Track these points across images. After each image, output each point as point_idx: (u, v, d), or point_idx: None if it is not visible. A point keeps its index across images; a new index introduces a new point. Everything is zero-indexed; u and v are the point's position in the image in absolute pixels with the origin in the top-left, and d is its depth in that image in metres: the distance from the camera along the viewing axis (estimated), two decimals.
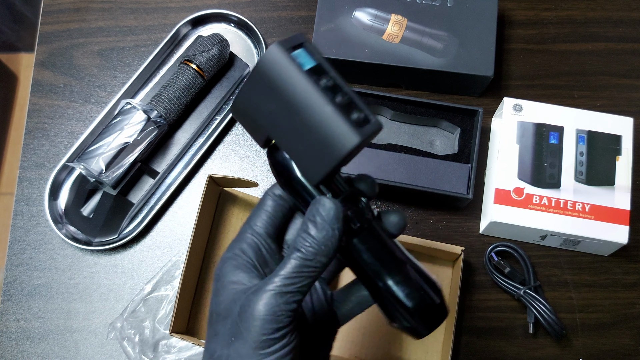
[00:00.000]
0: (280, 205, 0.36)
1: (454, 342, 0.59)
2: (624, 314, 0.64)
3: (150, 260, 0.67)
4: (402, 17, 0.68)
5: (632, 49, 0.73)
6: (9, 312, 0.65)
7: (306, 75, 0.30)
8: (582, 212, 0.61)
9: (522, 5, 0.75)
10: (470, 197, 0.62)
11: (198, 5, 0.76)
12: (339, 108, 0.30)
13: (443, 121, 0.67)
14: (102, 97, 0.72)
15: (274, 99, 0.31)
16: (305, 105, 0.30)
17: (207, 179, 0.60)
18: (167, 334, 0.62)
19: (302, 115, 0.30)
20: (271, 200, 0.36)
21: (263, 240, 0.36)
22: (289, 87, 0.30)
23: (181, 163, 0.69)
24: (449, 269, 0.65)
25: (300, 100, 0.30)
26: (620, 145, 0.63)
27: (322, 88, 0.30)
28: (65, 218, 0.67)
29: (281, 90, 0.30)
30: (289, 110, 0.31)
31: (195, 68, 0.67)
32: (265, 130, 0.33)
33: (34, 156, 0.70)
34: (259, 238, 0.35)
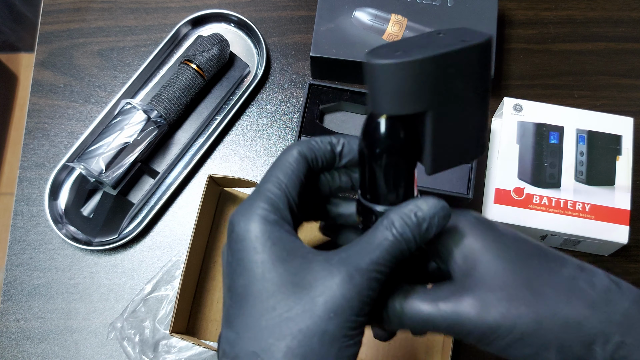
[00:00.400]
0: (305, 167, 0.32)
1: (454, 342, 0.59)
2: None
3: (151, 260, 0.67)
4: (402, 17, 0.68)
5: (633, 49, 0.73)
6: (9, 312, 0.65)
7: None
8: (582, 212, 0.61)
9: (522, 5, 0.75)
10: (470, 197, 0.62)
11: (198, 5, 0.76)
12: None
13: None
14: (102, 97, 0.72)
15: (459, 81, 0.28)
16: (477, 102, 0.29)
17: (207, 179, 0.60)
18: (167, 334, 0.62)
19: (468, 110, 0.29)
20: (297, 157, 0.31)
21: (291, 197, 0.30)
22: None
23: (181, 163, 0.69)
24: None
25: (472, 96, 0.29)
26: (620, 145, 0.63)
27: None
28: (65, 218, 0.67)
29: (471, 79, 0.28)
30: (461, 99, 0.28)
31: (195, 68, 0.67)
32: (426, 102, 0.28)
33: (34, 156, 0.70)
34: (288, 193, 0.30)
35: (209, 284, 0.64)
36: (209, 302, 0.64)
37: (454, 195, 0.62)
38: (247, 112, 0.72)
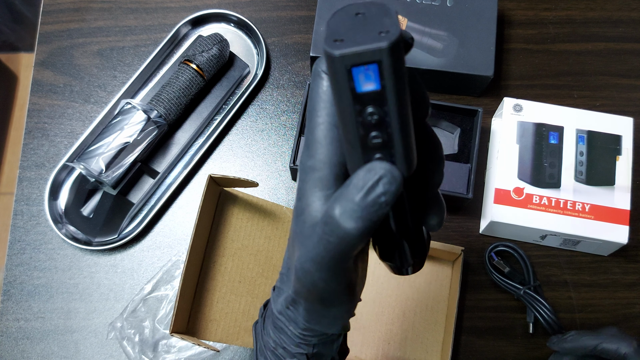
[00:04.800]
0: None
1: (454, 342, 0.59)
2: (624, 314, 0.64)
3: (150, 260, 0.67)
4: (402, 17, 0.68)
5: (632, 49, 0.73)
6: (9, 312, 0.65)
7: (351, 99, 0.27)
8: (582, 212, 0.61)
9: (522, 5, 0.75)
10: (470, 197, 0.62)
11: (198, 5, 0.76)
12: (362, 145, 0.27)
13: (443, 121, 0.67)
14: (102, 97, 0.72)
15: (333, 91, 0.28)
16: (342, 123, 0.28)
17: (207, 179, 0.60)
18: (167, 333, 0.62)
19: (341, 124, 0.28)
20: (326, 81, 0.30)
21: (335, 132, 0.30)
22: (337, 98, 0.27)
23: (181, 163, 0.69)
24: (449, 269, 0.65)
25: (339, 112, 0.28)
26: (620, 145, 0.63)
27: (361, 121, 0.27)
28: (65, 218, 0.67)
29: (333, 89, 0.27)
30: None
31: (195, 68, 0.67)
32: None
33: (34, 156, 0.70)
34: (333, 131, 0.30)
35: (209, 284, 0.64)
36: (209, 302, 0.64)
37: (454, 195, 0.62)
38: (247, 112, 0.72)
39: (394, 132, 0.27)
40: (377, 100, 0.27)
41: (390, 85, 0.26)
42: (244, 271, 0.63)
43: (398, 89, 0.26)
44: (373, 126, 0.27)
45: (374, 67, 0.26)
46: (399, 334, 0.63)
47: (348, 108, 0.27)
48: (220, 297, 0.64)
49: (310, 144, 0.30)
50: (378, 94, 0.26)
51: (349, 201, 0.26)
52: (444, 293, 0.64)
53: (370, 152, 0.28)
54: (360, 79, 0.26)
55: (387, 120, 0.27)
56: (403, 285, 0.64)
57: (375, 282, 0.65)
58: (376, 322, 0.63)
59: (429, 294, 0.64)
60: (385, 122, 0.27)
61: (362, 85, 0.26)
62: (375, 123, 0.27)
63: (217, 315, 0.63)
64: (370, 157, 0.28)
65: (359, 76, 0.26)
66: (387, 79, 0.26)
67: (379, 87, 0.26)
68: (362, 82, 0.26)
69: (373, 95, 0.26)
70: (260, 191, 0.68)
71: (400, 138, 0.27)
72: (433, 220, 0.33)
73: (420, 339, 0.63)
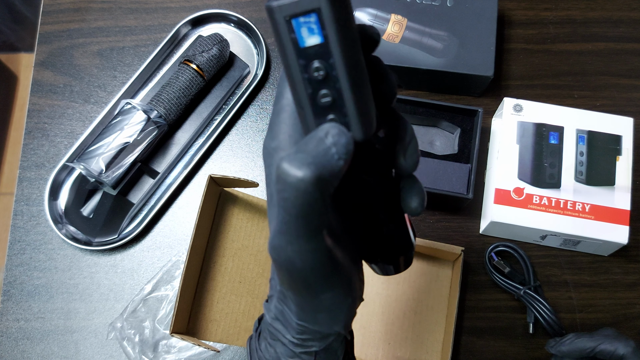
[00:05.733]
0: None
1: (454, 342, 0.59)
2: (624, 314, 0.64)
3: (150, 260, 0.67)
4: (402, 17, 0.68)
5: (632, 49, 0.73)
6: (9, 312, 0.65)
7: (295, 54, 0.25)
8: (582, 212, 0.61)
9: (522, 5, 0.75)
10: (470, 197, 0.62)
11: (198, 5, 0.76)
12: (313, 106, 0.26)
13: (443, 121, 0.67)
14: (102, 97, 0.72)
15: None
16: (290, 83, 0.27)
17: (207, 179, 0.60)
18: (167, 334, 0.62)
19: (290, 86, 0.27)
20: None
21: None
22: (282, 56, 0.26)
23: (181, 163, 0.69)
24: (449, 269, 0.65)
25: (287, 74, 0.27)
26: (620, 145, 0.63)
27: (308, 77, 0.26)
28: (65, 218, 0.67)
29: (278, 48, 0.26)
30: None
31: (195, 68, 0.67)
32: None
33: (34, 156, 0.70)
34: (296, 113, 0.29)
35: (209, 284, 0.64)
36: (209, 302, 0.64)
37: (454, 195, 0.62)
38: (247, 112, 0.72)
39: (343, 88, 0.26)
40: (322, 53, 0.25)
41: (333, 35, 0.25)
42: (244, 271, 0.63)
43: (343, 39, 0.25)
44: (320, 82, 0.26)
45: (314, 17, 0.25)
46: (399, 334, 0.63)
47: (293, 64, 0.26)
48: (221, 298, 0.64)
49: (273, 126, 0.29)
50: (322, 46, 0.25)
51: (298, 152, 0.25)
52: (444, 293, 0.64)
53: (321, 113, 0.27)
54: (302, 32, 0.25)
55: (334, 74, 0.26)
56: (403, 285, 0.64)
57: (376, 282, 0.65)
58: (376, 322, 0.63)
59: (429, 294, 0.64)
60: (333, 77, 0.26)
61: (305, 39, 0.25)
62: (322, 79, 0.26)
63: (217, 315, 0.63)
64: (322, 119, 0.27)
65: (301, 29, 0.25)
66: (329, 29, 0.25)
67: (322, 39, 0.25)
68: (305, 35, 0.25)
69: (317, 49, 0.25)
70: (261, 191, 0.68)
71: (351, 95, 0.26)
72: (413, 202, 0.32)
73: (421, 339, 0.62)
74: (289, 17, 0.25)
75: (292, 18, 0.25)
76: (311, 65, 0.25)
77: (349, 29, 0.25)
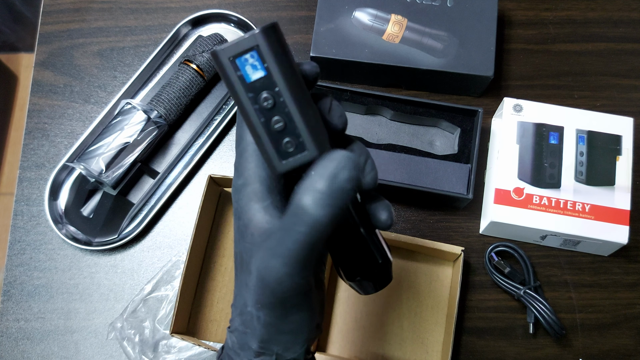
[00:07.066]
0: None
1: (454, 342, 0.59)
2: (624, 314, 0.64)
3: (151, 261, 0.67)
4: (402, 17, 0.68)
5: (632, 49, 0.73)
6: (9, 312, 0.65)
7: (244, 90, 0.28)
8: (582, 212, 0.61)
9: (522, 5, 0.75)
10: (470, 197, 0.62)
11: (198, 5, 0.76)
12: (268, 133, 0.29)
13: (443, 121, 0.67)
14: (102, 97, 0.72)
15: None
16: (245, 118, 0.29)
17: (207, 179, 0.60)
18: (167, 334, 0.62)
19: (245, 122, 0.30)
20: None
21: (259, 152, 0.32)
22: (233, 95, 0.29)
23: (181, 163, 0.69)
24: (449, 269, 0.65)
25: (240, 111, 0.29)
26: (620, 145, 0.63)
27: (259, 108, 0.29)
28: (65, 218, 0.67)
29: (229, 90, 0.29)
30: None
31: (195, 68, 0.67)
32: None
33: (34, 156, 0.70)
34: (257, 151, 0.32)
35: (209, 284, 0.64)
36: (209, 302, 0.64)
37: (454, 196, 0.62)
38: None
39: (291, 112, 0.29)
40: (267, 84, 0.28)
41: (274, 67, 0.28)
42: None
43: (283, 69, 0.28)
44: (270, 110, 0.29)
45: (255, 54, 0.28)
46: (399, 334, 0.63)
47: (243, 98, 0.29)
48: (221, 298, 0.64)
49: (238, 166, 0.32)
50: (266, 78, 0.28)
51: (316, 190, 0.26)
52: (444, 293, 0.64)
53: (276, 137, 0.29)
54: (247, 71, 0.28)
55: (282, 100, 0.28)
56: (403, 286, 0.64)
57: None
58: (376, 322, 0.63)
59: (429, 294, 0.64)
60: (280, 104, 0.29)
61: (249, 74, 0.28)
62: (271, 107, 0.29)
63: (217, 315, 0.63)
64: (278, 144, 0.29)
65: (246, 68, 0.28)
66: (270, 62, 0.28)
67: (264, 72, 0.28)
68: (249, 71, 0.28)
69: (262, 81, 0.28)
70: None
71: (300, 116, 0.29)
72: (382, 215, 0.34)
73: (421, 339, 0.63)
74: (232, 57, 0.28)
75: (235, 58, 0.28)
76: (260, 97, 0.28)
77: (287, 59, 0.29)
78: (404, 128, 0.68)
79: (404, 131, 0.68)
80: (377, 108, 0.67)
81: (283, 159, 0.29)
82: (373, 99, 0.66)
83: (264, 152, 0.30)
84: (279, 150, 0.29)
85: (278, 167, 0.29)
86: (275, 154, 0.29)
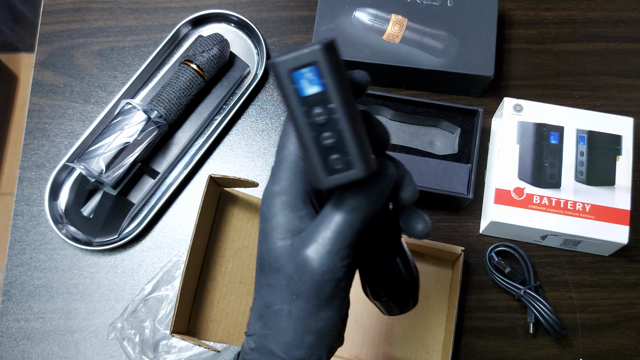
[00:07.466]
0: None
1: (454, 342, 0.59)
2: (625, 314, 0.64)
3: (151, 261, 0.67)
4: (402, 17, 0.68)
5: (633, 49, 0.73)
6: (9, 312, 0.65)
7: (298, 103, 0.29)
8: (583, 212, 0.61)
9: (522, 5, 0.75)
10: (471, 197, 0.62)
11: (198, 5, 0.76)
12: (317, 148, 0.29)
13: (443, 121, 0.67)
14: (102, 97, 0.72)
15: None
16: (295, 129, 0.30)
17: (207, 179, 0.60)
18: (167, 334, 0.62)
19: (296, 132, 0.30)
20: None
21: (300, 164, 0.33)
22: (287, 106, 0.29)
23: (181, 163, 0.69)
24: (449, 269, 0.65)
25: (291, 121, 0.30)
26: (620, 145, 0.63)
27: (310, 122, 0.29)
28: (66, 218, 0.67)
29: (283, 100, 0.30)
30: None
31: (195, 68, 0.67)
32: None
33: (34, 156, 0.70)
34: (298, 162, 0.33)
35: (210, 284, 0.64)
36: (210, 303, 0.64)
37: (454, 195, 0.62)
38: (247, 112, 0.72)
39: (343, 130, 0.29)
40: (322, 100, 0.28)
41: (330, 84, 0.28)
42: (244, 272, 0.63)
43: (340, 86, 0.28)
44: (322, 126, 0.29)
45: (313, 69, 0.28)
46: (399, 334, 0.63)
47: (296, 111, 0.29)
48: (221, 298, 0.64)
49: (276, 173, 0.33)
50: (321, 94, 0.28)
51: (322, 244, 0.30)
52: (444, 293, 0.64)
53: (325, 154, 0.29)
54: (303, 84, 0.28)
55: (335, 118, 0.28)
56: None
57: None
58: (376, 322, 0.63)
59: (429, 294, 0.64)
60: (333, 121, 0.29)
61: (305, 89, 0.28)
62: (324, 123, 0.29)
63: (218, 315, 0.63)
64: (326, 159, 0.29)
65: (302, 81, 0.28)
66: (327, 78, 0.28)
67: (321, 87, 0.28)
68: (305, 86, 0.28)
69: (317, 96, 0.28)
70: (261, 191, 0.68)
71: (351, 135, 0.29)
72: (419, 225, 0.35)
73: (421, 339, 0.62)
74: (290, 71, 0.28)
75: (292, 71, 0.28)
76: (313, 111, 0.29)
77: (343, 77, 0.29)
78: (404, 128, 0.68)
79: (404, 131, 0.68)
80: (377, 108, 0.67)
81: (329, 175, 0.29)
82: (373, 99, 0.66)
83: (310, 165, 0.30)
84: (326, 165, 0.29)
85: (323, 182, 0.29)
86: (322, 169, 0.29)
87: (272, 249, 0.32)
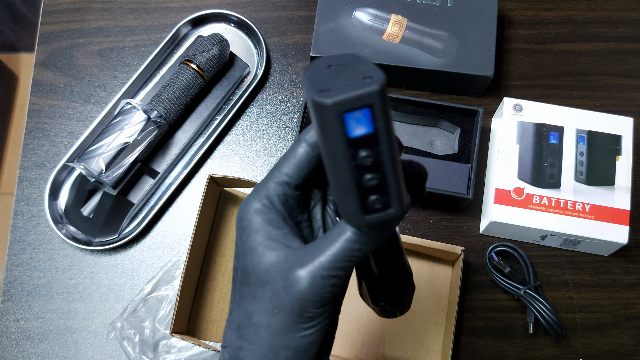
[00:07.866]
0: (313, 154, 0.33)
1: (454, 342, 0.59)
2: (624, 314, 0.64)
3: (151, 260, 0.67)
4: (402, 17, 0.68)
5: (632, 49, 0.73)
6: (9, 312, 0.65)
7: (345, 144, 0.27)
8: (582, 212, 0.61)
9: (522, 5, 0.75)
10: (470, 197, 0.62)
11: (198, 5, 0.76)
12: (357, 187, 0.28)
13: (443, 121, 0.67)
14: (102, 97, 0.72)
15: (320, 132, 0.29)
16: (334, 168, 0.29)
17: (207, 179, 0.60)
18: (167, 334, 0.62)
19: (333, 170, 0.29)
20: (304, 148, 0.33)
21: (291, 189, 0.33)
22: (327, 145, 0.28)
23: (181, 163, 0.69)
24: (449, 269, 0.65)
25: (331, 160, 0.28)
26: (620, 145, 0.63)
27: (355, 164, 0.28)
28: (66, 218, 0.67)
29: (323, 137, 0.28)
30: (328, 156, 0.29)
31: (195, 68, 0.67)
32: None
33: (34, 156, 0.70)
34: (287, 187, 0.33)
35: (209, 284, 0.64)
36: (209, 302, 0.64)
37: (454, 195, 0.62)
38: (247, 112, 0.72)
39: (387, 172, 0.28)
40: (370, 142, 0.27)
41: (382, 127, 0.27)
42: None
43: (389, 130, 0.27)
44: (368, 168, 0.27)
45: (366, 111, 0.26)
46: (399, 334, 0.63)
47: (341, 153, 0.27)
48: (221, 298, 0.64)
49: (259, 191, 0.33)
50: (371, 136, 0.27)
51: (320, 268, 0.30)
52: (444, 293, 0.64)
53: (365, 194, 0.28)
54: (351, 124, 0.26)
55: (381, 160, 0.27)
56: None
57: None
58: (376, 322, 0.63)
59: (429, 294, 0.64)
60: (379, 163, 0.27)
61: (354, 130, 0.27)
62: (370, 165, 0.27)
63: (218, 315, 0.63)
64: (365, 199, 0.28)
65: (351, 122, 0.26)
66: (380, 121, 0.26)
67: (371, 129, 0.27)
68: (354, 127, 0.26)
69: (366, 139, 0.27)
70: None
71: (394, 178, 0.28)
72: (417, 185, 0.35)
73: (421, 339, 0.63)
74: (342, 113, 0.26)
75: (344, 113, 0.26)
76: (359, 154, 0.27)
77: (391, 119, 0.27)
78: (404, 128, 0.68)
79: (404, 131, 0.68)
80: None
81: (366, 214, 0.28)
82: None
83: (347, 204, 0.29)
84: (364, 205, 0.28)
85: (359, 221, 0.29)
86: (359, 209, 0.28)
87: (259, 262, 0.32)
